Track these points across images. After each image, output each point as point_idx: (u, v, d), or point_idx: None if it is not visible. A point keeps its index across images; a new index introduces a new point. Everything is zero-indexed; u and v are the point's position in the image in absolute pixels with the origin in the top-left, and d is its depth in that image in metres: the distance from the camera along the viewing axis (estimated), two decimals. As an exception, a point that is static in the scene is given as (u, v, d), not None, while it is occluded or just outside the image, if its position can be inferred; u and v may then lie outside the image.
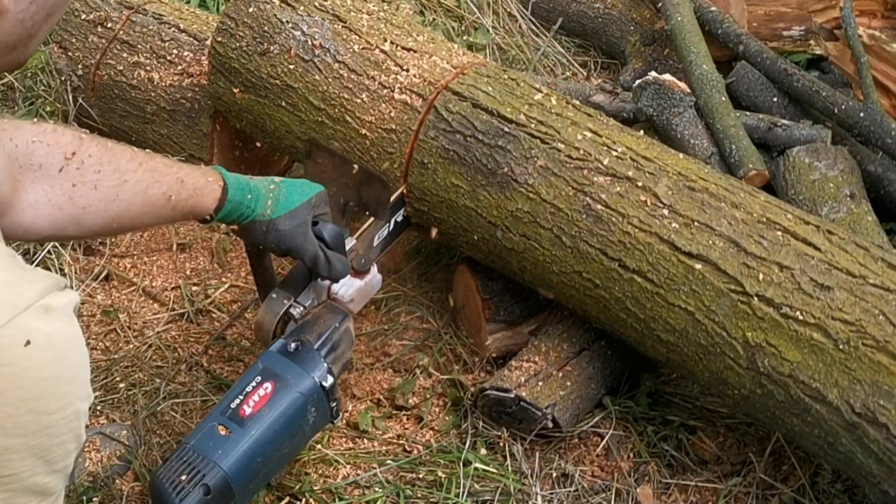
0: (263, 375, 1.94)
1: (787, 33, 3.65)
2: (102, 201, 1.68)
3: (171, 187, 1.78)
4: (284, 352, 1.99)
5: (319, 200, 2.07)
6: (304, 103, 2.57)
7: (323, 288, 2.16)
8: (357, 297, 2.22)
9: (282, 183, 2.03)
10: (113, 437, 2.27)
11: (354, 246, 2.22)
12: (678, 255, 2.12)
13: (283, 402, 1.91)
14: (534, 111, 2.35)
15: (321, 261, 2.05)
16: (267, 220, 1.97)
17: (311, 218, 2.04)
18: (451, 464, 2.30)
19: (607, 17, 3.94)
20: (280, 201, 1.99)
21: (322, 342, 2.01)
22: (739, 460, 2.34)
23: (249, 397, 1.90)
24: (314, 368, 1.97)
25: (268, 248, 2.05)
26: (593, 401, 2.43)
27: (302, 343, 2.00)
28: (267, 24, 2.63)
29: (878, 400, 1.88)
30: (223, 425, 1.87)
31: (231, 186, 1.90)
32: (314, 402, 1.96)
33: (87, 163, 1.65)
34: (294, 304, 2.10)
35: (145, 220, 1.79)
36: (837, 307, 1.96)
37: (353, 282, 2.20)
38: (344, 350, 2.07)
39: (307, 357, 1.98)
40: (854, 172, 2.91)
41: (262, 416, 1.88)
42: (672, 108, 3.05)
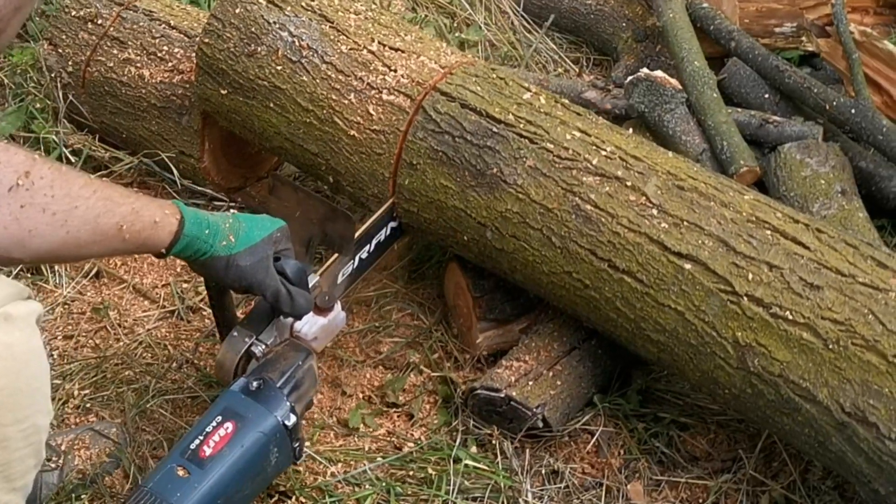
0: (224, 415, 1.89)
1: (779, 30, 3.65)
2: (50, 225, 1.62)
3: (124, 217, 1.72)
4: (246, 391, 1.94)
5: (281, 235, 2.01)
6: (292, 104, 2.56)
7: (286, 325, 2.11)
8: (321, 334, 2.17)
9: (242, 218, 1.97)
10: (103, 433, 2.27)
11: (318, 282, 2.17)
12: (668, 255, 2.12)
13: (245, 442, 1.87)
14: (522, 111, 2.35)
15: (283, 297, 1.99)
16: (227, 255, 1.90)
17: (272, 253, 1.98)
18: (441, 461, 2.30)
19: (599, 14, 3.94)
20: (240, 236, 1.93)
21: (285, 380, 1.97)
22: (730, 457, 2.34)
23: (209, 438, 1.85)
24: (276, 407, 1.92)
25: (228, 284, 1.99)
26: (584, 400, 2.43)
27: (264, 381, 1.95)
28: (254, 25, 2.62)
29: (867, 399, 1.88)
30: (182, 467, 1.82)
31: (188, 220, 1.84)
32: (276, 442, 1.91)
33: (38, 184, 1.59)
34: (256, 343, 2.04)
35: (94, 248, 1.72)
36: (827, 306, 1.96)
37: (316, 319, 2.15)
38: (307, 388, 2.03)
39: (269, 396, 1.93)
40: (845, 169, 2.91)
41: (222, 458, 1.83)
42: (664, 104, 3.05)
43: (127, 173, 3.11)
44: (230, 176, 3.09)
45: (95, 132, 3.21)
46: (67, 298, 2.74)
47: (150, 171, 3.10)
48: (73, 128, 3.21)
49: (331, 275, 2.26)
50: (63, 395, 2.43)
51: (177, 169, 3.03)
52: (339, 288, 2.30)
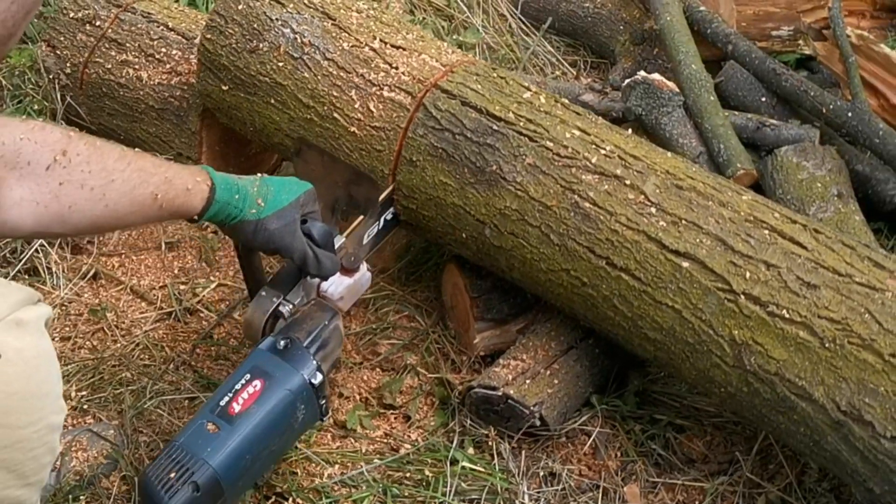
0: (253, 373, 1.94)
1: (776, 33, 3.66)
2: (89, 200, 1.67)
3: (158, 187, 1.77)
4: (274, 349, 1.98)
5: (308, 199, 2.06)
6: (293, 101, 2.57)
7: (312, 286, 2.15)
8: (346, 295, 2.22)
9: (270, 181, 2.02)
10: (100, 434, 2.26)
11: (344, 244, 2.21)
12: (665, 254, 2.12)
13: (273, 399, 1.91)
14: (522, 109, 2.36)
15: (310, 259, 2.05)
16: (255, 220, 1.96)
17: (299, 216, 2.03)
18: (438, 462, 2.30)
19: (597, 17, 3.95)
20: (268, 200, 1.98)
21: (311, 340, 2.01)
22: (726, 459, 2.34)
23: (239, 395, 1.90)
24: (303, 366, 1.96)
25: (257, 247, 2.04)
26: (581, 399, 2.43)
27: (291, 341, 1.99)
28: (256, 22, 2.63)
29: (863, 398, 1.88)
30: (212, 423, 1.87)
31: (219, 186, 1.90)
32: (303, 399, 1.95)
33: (74, 161, 1.63)
34: (283, 303, 2.09)
35: (132, 219, 1.78)
36: (824, 305, 1.96)
37: (342, 280, 2.20)
38: (333, 348, 2.06)
39: (296, 354, 1.97)
40: (842, 172, 2.92)
41: (251, 414, 1.88)
42: (661, 107, 3.06)
43: (125, 174, 3.11)
44: (228, 177, 3.09)
45: (93, 133, 3.20)
46: (65, 300, 2.73)
47: (148, 172, 3.09)
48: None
49: (356, 236, 2.30)
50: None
51: (175, 170, 3.02)
52: (365, 249, 2.34)
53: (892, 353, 1.87)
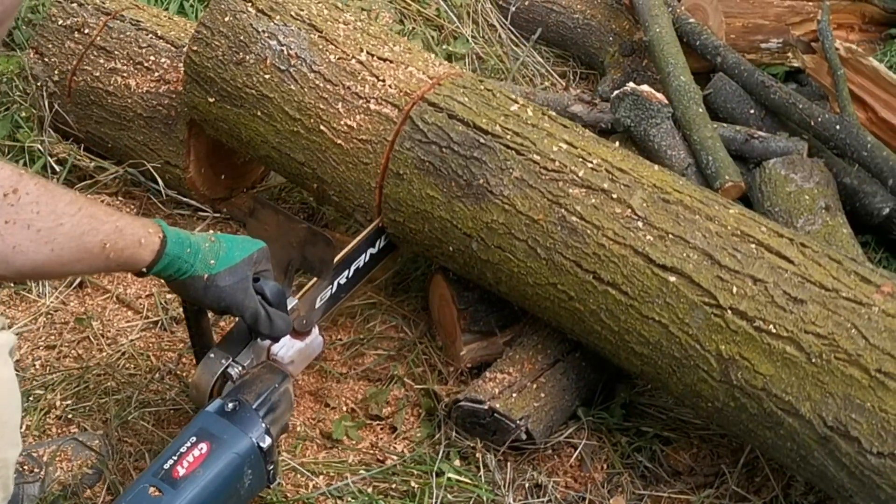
0: (199, 435, 1.88)
1: (765, 45, 3.67)
2: (34, 242, 1.61)
3: (108, 236, 1.71)
4: (221, 412, 1.93)
5: (261, 256, 2.00)
6: (280, 113, 2.56)
7: (262, 348, 2.10)
8: (297, 358, 2.17)
9: (223, 238, 1.96)
10: (85, 444, 2.25)
11: (296, 306, 2.17)
12: (652, 268, 2.12)
13: (219, 463, 1.86)
14: (510, 122, 2.36)
15: (262, 318, 1.99)
16: (206, 276, 1.90)
17: (251, 274, 1.98)
18: (424, 474, 2.30)
19: (586, 28, 3.96)
20: (220, 257, 1.92)
21: (261, 402, 1.96)
22: (713, 472, 2.34)
23: (184, 458, 1.84)
24: (252, 429, 1.92)
25: (206, 305, 1.98)
26: (567, 412, 2.43)
27: (240, 403, 1.94)
28: (243, 34, 2.62)
29: (849, 413, 1.88)
30: (155, 487, 1.80)
31: (170, 240, 1.83)
32: (251, 463, 1.90)
33: (23, 200, 1.58)
34: (232, 364, 2.04)
35: (77, 267, 1.72)
36: (810, 320, 1.96)
37: (293, 343, 2.15)
38: (283, 411, 2.02)
39: (245, 417, 1.93)
40: (830, 185, 2.93)
41: (196, 478, 1.82)
42: (650, 118, 3.06)
43: (112, 183, 3.11)
44: (215, 187, 3.09)
45: (81, 141, 3.21)
46: (50, 308, 2.73)
47: (136, 181, 3.09)
48: (59, 137, 3.20)
49: (309, 299, 2.25)
50: (45, 406, 2.41)
51: (162, 179, 3.02)
52: (317, 313, 2.30)
53: (879, 369, 1.87)
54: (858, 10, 3.93)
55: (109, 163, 3.14)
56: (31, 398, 2.42)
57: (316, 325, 2.23)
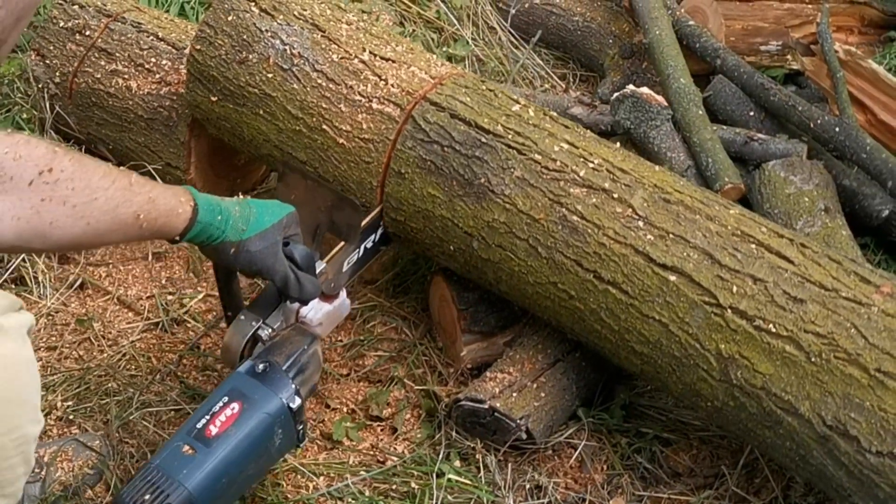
0: (231, 395, 1.92)
1: (765, 48, 3.68)
2: (71, 217, 1.64)
3: (141, 206, 1.75)
4: (252, 372, 1.97)
5: (290, 221, 2.05)
6: (282, 112, 2.57)
7: (291, 311, 2.14)
8: (325, 321, 2.21)
9: (253, 203, 2.01)
10: (86, 444, 2.26)
11: (324, 270, 2.20)
12: (653, 267, 2.12)
13: (250, 422, 1.90)
14: (511, 122, 2.36)
15: (291, 282, 2.03)
16: (237, 241, 1.94)
17: (281, 239, 2.02)
18: (424, 475, 2.30)
19: (586, 30, 3.96)
20: (251, 222, 1.96)
21: (290, 364, 2.00)
22: (712, 473, 2.34)
23: (216, 417, 1.88)
24: (282, 389, 1.95)
25: (238, 269, 2.03)
26: (567, 412, 2.43)
27: (270, 364, 1.98)
28: (246, 33, 2.63)
29: (849, 413, 1.88)
30: (189, 445, 1.85)
31: (201, 207, 1.87)
32: (281, 423, 1.94)
33: (58, 178, 1.61)
34: (262, 327, 2.08)
35: (113, 237, 1.76)
36: (810, 320, 1.97)
37: (321, 305, 2.19)
38: (312, 373, 2.05)
39: (275, 378, 1.96)
40: (829, 187, 2.93)
41: (228, 437, 1.87)
42: (649, 120, 3.06)
43: (113, 184, 3.10)
44: (216, 188, 3.09)
45: (82, 143, 3.21)
46: (51, 309, 2.73)
47: (136, 182, 3.09)
48: (60, 138, 3.20)
49: (337, 262, 2.28)
50: (46, 407, 2.41)
51: (163, 181, 3.00)
52: (345, 276, 2.33)
53: (878, 368, 1.87)
54: (857, 12, 3.94)
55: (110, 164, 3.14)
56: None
57: (343, 287, 2.28)
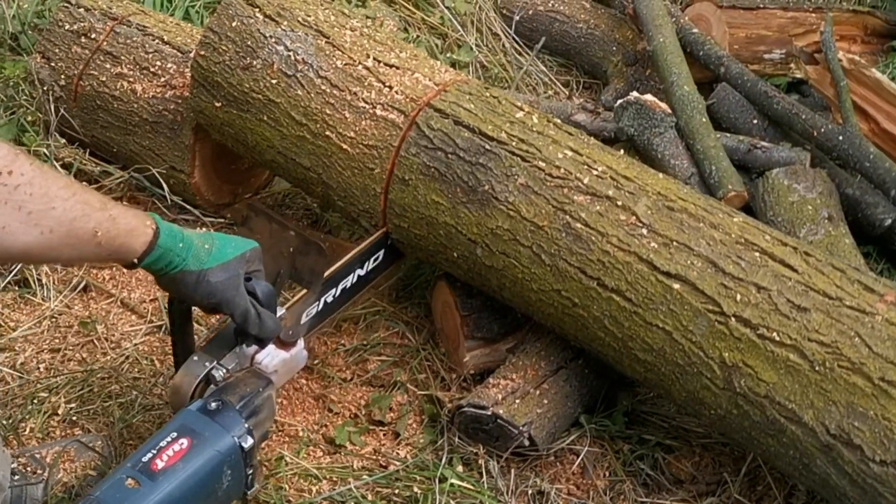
0: (180, 431, 1.83)
1: (768, 56, 3.69)
2: (24, 224, 1.59)
3: (100, 223, 1.70)
4: (204, 410, 1.89)
5: (253, 256, 1.97)
6: (286, 118, 2.57)
7: (247, 355, 2.06)
8: (281, 369, 2.12)
9: (216, 236, 1.94)
10: (88, 446, 2.26)
11: (283, 316, 2.13)
12: (656, 275, 2.13)
13: (199, 459, 1.81)
14: (515, 129, 2.36)
15: (252, 317, 1.95)
16: (198, 271, 1.86)
17: (243, 272, 1.94)
18: (427, 480, 2.30)
19: (590, 37, 3.97)
20: (213, 253, 1.89)
21: (244, 404, 1.93)
22: (715, 480, 2.34)
23: (163, 451, 1.79)
24: (234, 427, 1.87)
25: (197, 301, 1.94)
26: (570, 419, 2.43)
27: (223, 402, 1.90)
28: (250, 39, 2.63)
29: (852, 421, 1.89)
30: (133, 478, 1.76)
31: (163, 232, 1.81)
32: (230, 463, 1.85)
33: (18, 182, 1.57)
34: (216, 367, 1.99)
35: (67, 252, 1.70)
36: (814, 329, 1.97)
37: (278, 352, 2.11)
38: (265, 417, 1.98)
39: (228, 416, 1.89)
40: (832, 195, 2.93)
41: (174, 472, 1.78)
42: (653, 128, 3.07)
43: (117, 188, 3.11)
44: (220, 192, 3.10)
45: (86, 146, 3.21)
46: (55, 312, 2.73)
47: (140, 185, 3.10)
48: (64, 141, 3.21)
49: (297, 311, 2.22)
50: (49, 408, 2.41)
51: (167, 184, 3.03)
52: (303, 327, 2.26)
53: (882, 377, 1.88)
54: (861, 21, 3.94)
55: (114, 167, 3.15)
56: (36, 401, 2.42)
57: (302, 337, 2.19)
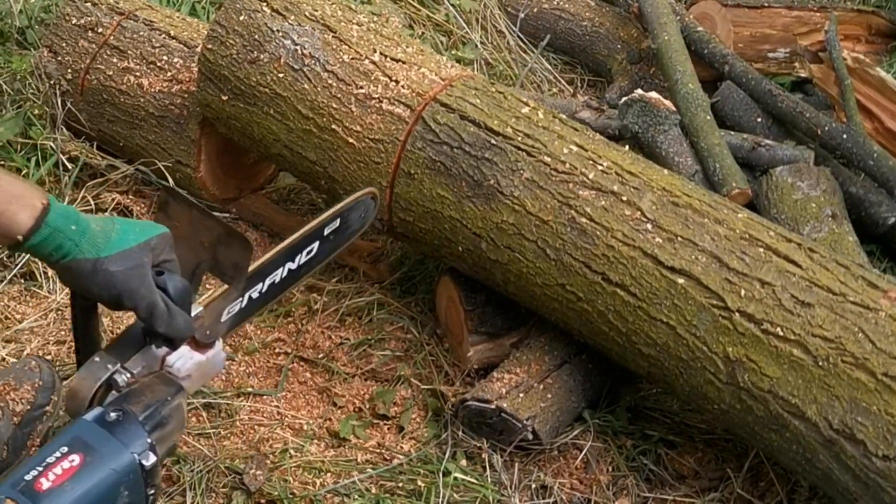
0: (71, 446, 1.59)
1: (773, 55, 3.70)
2: None
3: None
4: (101, 421, 1.63)
5: (162, 244, 1.72)
6: (293, 112, 2.58)
7: (156, 357, 1.80)
8: (195, 373, 1.86)
9: (118, 220, 1.72)
10: (28, 369, 2.18)
11: (200, 314, 1.86)
12: (661, 270, 2.13)
13: (91, 478, 1.56)
14: (521, 124, 2.37)
15: (160, 311, 1.69)
16: (94, 259, 1.63)
17: (149, 262, 1.70)
18: (430, 474, 2.30)
19: (594, 35, 3.98)
20: (112, 239, 1.66)
21: (148, 415, 1.68)
22: (717, 476, 2.34)
23: (51, 469, 1.55)
24: (135, 443, 1.62)
25: (96, 294, 1.68)
26: (573, 414, 2.44)
27: (124, 413, 1.65)
28: (257, 33, 2.64)
29: (855, 417, 1.89)
30: (13, 500, 1.53)
31: (54, 210, 1.62)
32: (129, 484, 1.61)
33: None
34: (120, 371, 1.72)
35: None
36: (817, 324, 1.98)
37: (192, 355, 1.84)
38: (172, 430, 1.74)
39: (128, 429, 1.64)
40: (836, 193, 2.94)
41: (62, 493, 1.53)
42: (657, 125, 3.07)
43: (123, 181, 3.11)
44: (225, 187, 3.10)
45: (93, 140, 3.21)
46: (61, 304, 2.73)
47: (146, 179, 3.10)
48: (71, 135, 3.21)
49: (216, 308, 1.93)
50: (56, 397, 2.42)
51: (173, 178, 3.03)
52: (223, 326, 1.98)
53: (885, 373, 1.88)
54: (865, 21, 3.95)
55: (121, 161, 3.15)
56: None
57: (220, 338, 1.93)
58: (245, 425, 2.40)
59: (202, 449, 2.29)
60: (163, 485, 2.22)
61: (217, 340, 1.90)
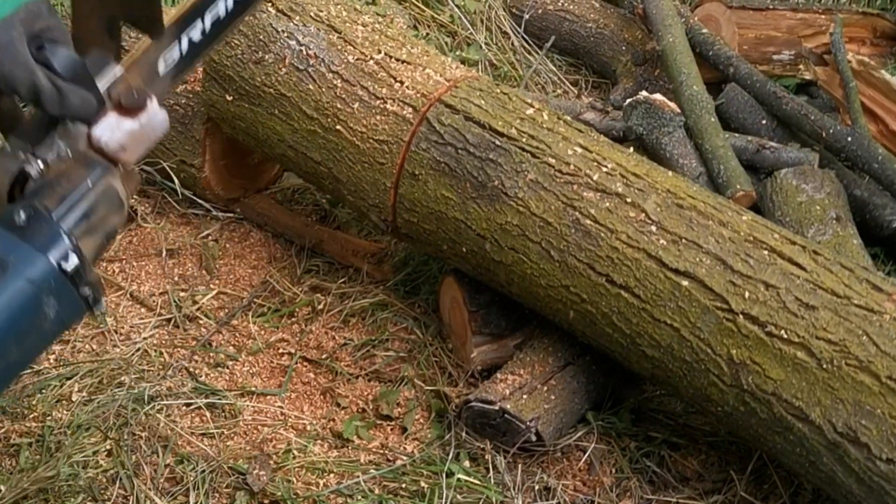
0: None
1: (777, 57, 3.69)
2: None
3: None
4: (10, 225, 1.39)
5: (35, 13, 1.42)
6: (297, 112, 2.58)
7: (79, 135, 1.48)
8: (130, 142, 1.51)
9: None
10: None
11: (121, 76, 1.51)
12: (665, 272, 2.13)
13: (6, 292, 1.36)
14: (525, 125, 2.37)
15: (46, 91, 1.40)
16: None
17: (22, 38, 1.40)
18: (434, 475, 2.30)
19: (599, 37, 3.98)
20: None
21: (67, 209, 1.43)
22: (721, 478, 2.34)
23: None
24: (51, 246, 1.39)
25: None
26: (577, 415, 2.44)
27: (35, 212, 1.40)
28: (262, 33, 2.64)
29: (859, 419, 1.89)
30: None
31: None
32: (52, 291, 1.39)
33: None
34: (29, 160, 1.44)
35: None
36: (822, 327, 1.98)
37: (121, 122, 1.50)
38: (104, 216, 1.48)
39: (41, 230, 1.40)
40: (840, 196, 2.94)
41: None
42: (662, 127, 3.07)
43: (127, 180, 3.11)
44: (230, 186, 3.10)
45: (96, 139, 3.21)
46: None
47: (151, 179, 3.10)
48: (75, 133, 3.21)
49: (144, 63, 1.59)
50: (59, 396, 2.42)
51: (177, 178, 3.03)
52: (163, 81, 1.62)
53: (889, 376, 1.88)
54: (870, 24, 3.95)
55: (124, 161, 3.15)
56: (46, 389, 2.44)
57: (152, 97, 1.55)
58: (248, 425, 2.41)
59: (205, 449, 2.30)
60: (166, 484, 2.23)
61: (149, 100, 1.53)
